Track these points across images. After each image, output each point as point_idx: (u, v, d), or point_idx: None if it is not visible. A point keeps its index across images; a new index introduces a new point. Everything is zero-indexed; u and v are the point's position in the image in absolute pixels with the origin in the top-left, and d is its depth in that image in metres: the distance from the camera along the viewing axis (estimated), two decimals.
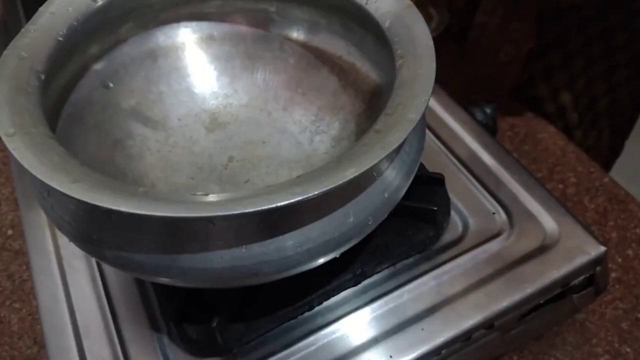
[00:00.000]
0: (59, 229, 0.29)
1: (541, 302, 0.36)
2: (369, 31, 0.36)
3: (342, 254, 0.30)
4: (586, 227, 0.37)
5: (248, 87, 0.42)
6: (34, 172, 0.24)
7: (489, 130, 0.45)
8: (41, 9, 0.33)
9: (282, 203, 0.23)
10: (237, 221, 0.26)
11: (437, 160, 0.43)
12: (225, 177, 0.38)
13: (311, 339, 0.34)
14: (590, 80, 0.51)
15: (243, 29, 0.41)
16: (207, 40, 0.41)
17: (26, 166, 0.24)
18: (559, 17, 0.49)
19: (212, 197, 0.25)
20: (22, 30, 0.32)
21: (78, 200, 0.23)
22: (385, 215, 0.30)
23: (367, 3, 0.34)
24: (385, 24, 0.32)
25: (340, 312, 0.35)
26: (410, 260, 0.37)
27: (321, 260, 0.29)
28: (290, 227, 0.27)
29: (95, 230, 0.28)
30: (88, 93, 0.37)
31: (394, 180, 0.30)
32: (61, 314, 0.36)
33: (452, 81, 0.60)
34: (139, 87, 0.40)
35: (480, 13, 0.52)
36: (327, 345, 0.33)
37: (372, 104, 0.38)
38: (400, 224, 0.37)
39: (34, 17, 0.33)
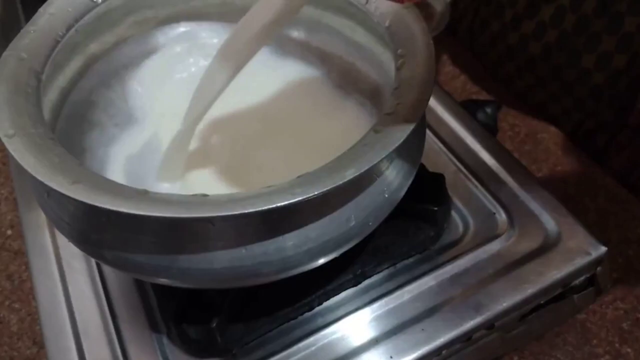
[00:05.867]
0: (59, 229, 0.29)
1: (542, 302, 0.35)
2: (369, 31, 0.36)
3: (342, 254, 0.30)
4: (587, 227, 0.37)
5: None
6: (33, 173, 0.24)
7: (489, 130, 0.45)
8: (41, 9, 0.33)
9: (282, 203, 0.23)
10: (237, 221, 0.26)
11: (438, 160, 0.42)
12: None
13: (311, 339, 0.34)
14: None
15: None
16: (207, 40, 0.41)
17: (26, 167, 0.24)
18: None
19: (212, 198, 0.25)
20: (22, 31, 0.32)
21: (77, 201, 0.23)
22: (386, 216, 0.30)
23: (366, 3, 0.34)
24: (385, 24, 0.32)
25: (340, 312, 0.35)
26: (411, 260, 0.37)
27: (321, 261, 0.29)
28: (290, 228, 0.27)
29: (95, 231, 0.27)
30: (88, 93, 0.37)
31: (394, 180, 0.30)
32: (61, 315, 0.36)
33: (452, 80, 0.60)
34: (138, 87, 0.40)
35: None
36: (327, 346, 0.33)
37: (372, 104, 0.38)
38: (401, 224, 0.37)
39: (34, 17, 0.32)
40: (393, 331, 0.33)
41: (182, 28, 0.40)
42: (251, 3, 0.40)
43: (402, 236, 0.37)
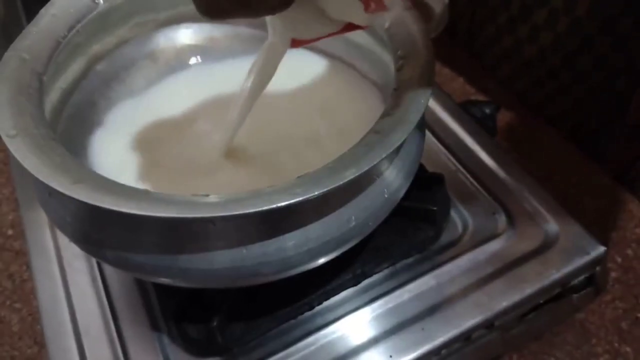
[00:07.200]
0: (60, 229, 0.29)
1: (541, 302, 0.36)
2: (369, 32, 0.36)
3: (343, 254, 0.30)
4: (586, 227, 0.37)
5: None
6: (35, 173, 0.24)
7: (488, 130, 0.45)
8: (42, 10, 0.33)
9: (283, 203, 0.23)
10: (237, 221, 0.26)
11: (437, 160, 0.43)
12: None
13: (311, 338, 0.34)
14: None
15: (243, 30, 0.41)
16: (208, 42, 0.42)
17: (28, 167, 0.24)
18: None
19: (212, 198, 0.25)
20: (23, 31, 0.32)
21: (79, 201, 0.23)
22: (386, 216, 0.30)
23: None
24: (385, 25, 0.33)
25: (340, 312, 0.35)
26: (410, 260, 0.37)
27: (321, 261, 0.29)
28: (290, 228, 0.27)
29: (96, 231, 0.28)
30: (89, 94, 0.37)
31: (394, 181, 0.30)
32: (61, 314, 0.36)
33: (451, 81, 0.60)
34: (140, 88, 0.40)
35: None
36: (327, 345, 0.33)
37: (373, 102, 0.38)
38: (400, 224, 0.37)
39: (35, 18, 0.33)
40: (393, 330, 0.34)
41: (183, 30, 0.41)
42: None
43: (402, 236, 0.37)
